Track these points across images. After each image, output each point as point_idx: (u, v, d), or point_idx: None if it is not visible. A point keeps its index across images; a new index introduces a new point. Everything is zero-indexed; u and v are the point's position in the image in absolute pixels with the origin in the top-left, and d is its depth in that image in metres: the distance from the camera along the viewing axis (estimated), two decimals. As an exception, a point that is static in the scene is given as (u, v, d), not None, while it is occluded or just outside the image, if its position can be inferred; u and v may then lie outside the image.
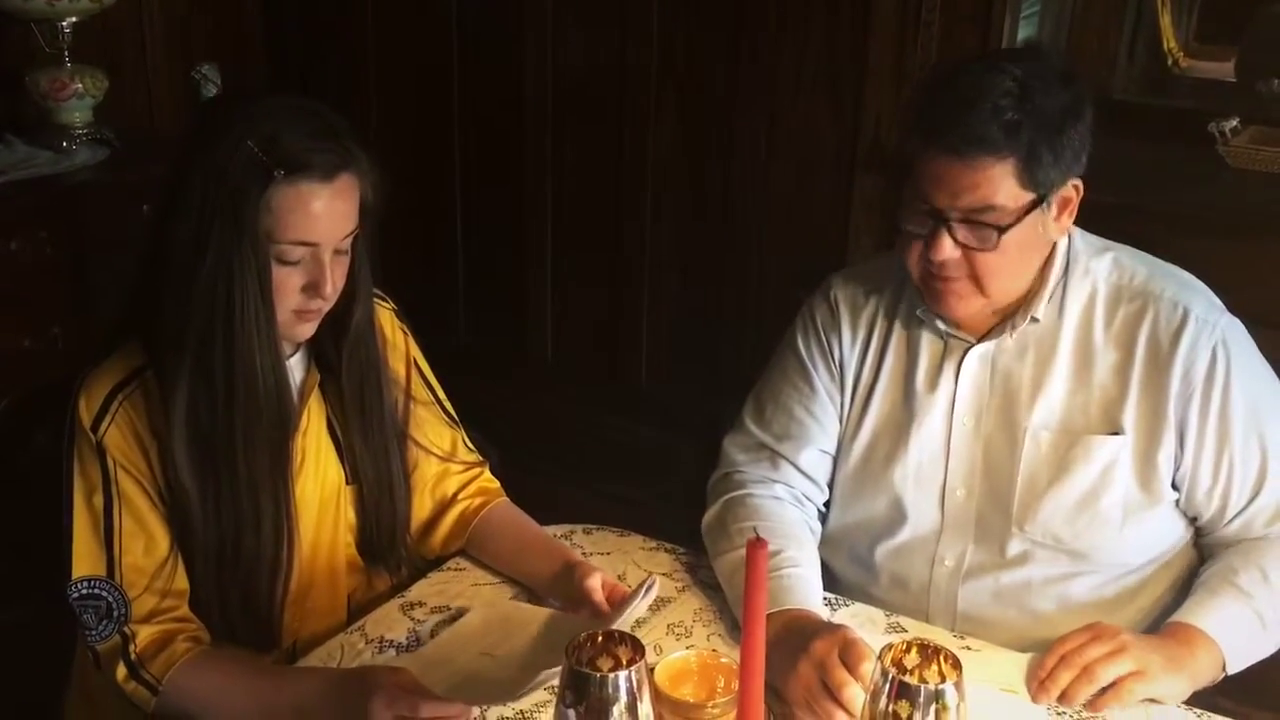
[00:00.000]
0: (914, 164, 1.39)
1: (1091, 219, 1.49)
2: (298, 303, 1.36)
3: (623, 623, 1.31)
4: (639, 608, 1.35)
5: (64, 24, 2.56)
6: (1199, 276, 1.52)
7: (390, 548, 1.56)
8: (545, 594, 1.49)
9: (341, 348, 1.45)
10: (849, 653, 1.25)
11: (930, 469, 1.52)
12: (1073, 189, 1.41)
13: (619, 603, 1.37)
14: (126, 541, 1.35)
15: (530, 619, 1.42)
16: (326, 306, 1.38)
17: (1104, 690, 1.28)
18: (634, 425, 2.78)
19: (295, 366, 1.45)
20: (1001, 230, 1.37)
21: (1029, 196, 1.37)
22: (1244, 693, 1.44)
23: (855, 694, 1.22)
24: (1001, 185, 1.36)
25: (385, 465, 1.51)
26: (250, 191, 1.29)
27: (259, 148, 1.29)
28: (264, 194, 1.29)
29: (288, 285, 1.34)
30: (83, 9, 2.54)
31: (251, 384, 1.34)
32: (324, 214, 1.32)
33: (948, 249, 1.38)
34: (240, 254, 1.30)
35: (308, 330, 1.40)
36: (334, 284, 1.36)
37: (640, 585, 1.37)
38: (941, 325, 1.51)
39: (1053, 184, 1.38)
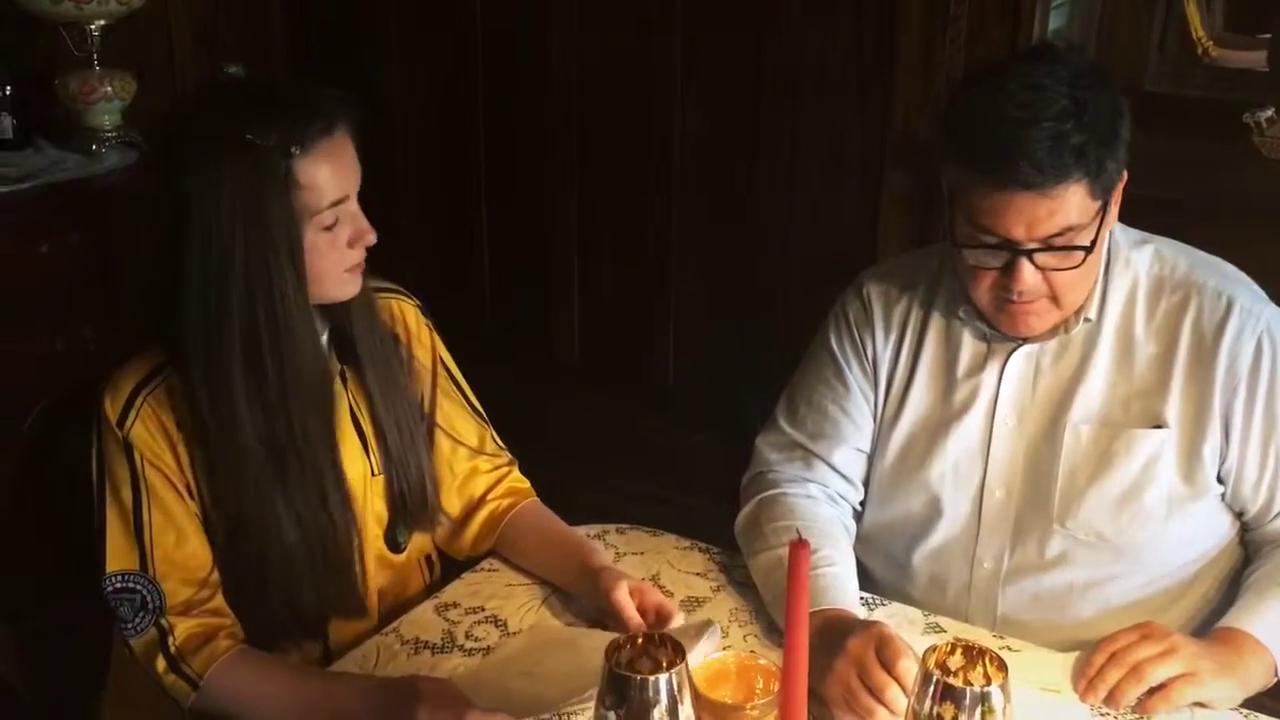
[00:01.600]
0: (969, 195, 1.35)
1: (1127, 212, 1.47)
2: (350, 259, 1.40)
3: None
4: (695, 655, 1.31)
5: (92, 27, 2.57)
6: (1237, 268, 1.50)
7: (423, 525, 1.57)
8: (577, 593, 1.48)
9: (350, 316, 1.46)
10: (885, 650, 1.23)
11: (968, 467, 1.51)
12: (1120, 181, 1.39)
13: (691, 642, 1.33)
14: (157, 535, 1.36)
15: (574, 640, 1.41)
16: (364, 255, 1.41)
17: (1152, 691, 1.26)
18: (664, 424, 2.77)
19: None
20: (1089, 249, 1.35)
21: (1098, 205, 1.35)
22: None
23: (896, 694, 1.20)
24: (1075, 205, 1.33)
25: (414, 452, 1.51)
26: (275, 178, 1.31)
27: (262, 137, 1.30)
28: (290, 175, 1.31)
29: (336, 246, 1.38)
30: (111, 12, 2.55)
31: (301, 365, 1.37)
32: (346, 164, 1.37)
33: (1029, 277, 1.35)
34: (273, 243, 1.31)
35: (359, 283, 1.43)
36: (371, 230, 1.40)
37: (701, 630, 1.35)
38: (984, 327, 1.49)
39: (1114, 185, 1.37)
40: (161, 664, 1.34)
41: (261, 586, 1.41)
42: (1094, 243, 1.35)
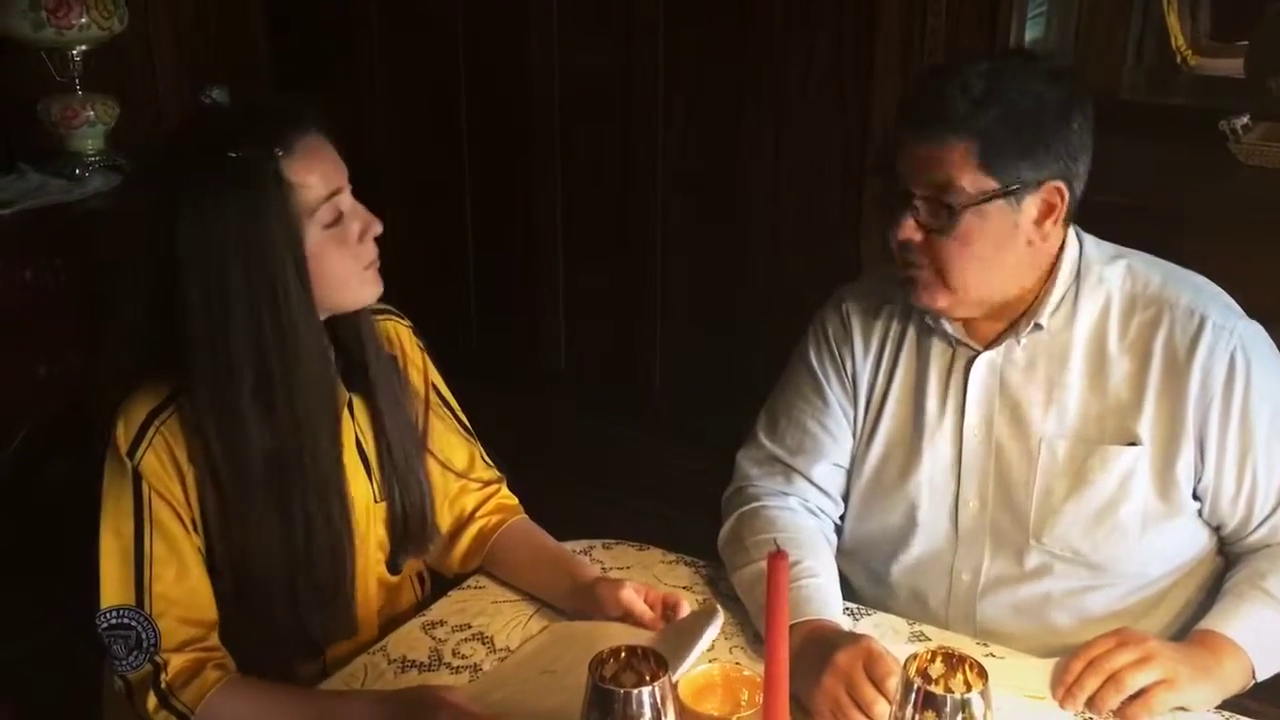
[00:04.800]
0: (896, 144, 1.41)
1: (1103, 220, 1.49)
2: (365, 255, 1.39)
3: (691, 659, 1.29)
4: (704, 642, 1.33)
5: (74, 52, 2.57)
6: (1212, 277, 1.50)
7: (421, 550, 1.57)
8: (568, 609, 1.48)
9: (361, 343, 1.46)
10: (874, 667, 1.24)
11: (943, 480, 1.51)
12: (1055, 193, 1.38)
13: (686, 639, 1.33)
14: (157, 568, 1.34)
15: (590, 633, 1.41)
16: (377, 251, 1.41)
17: (1132, 698, 1.27)
18: (648, 437, 2.78)
19: None
20: (954, 210, 1.36)
21: (991, 184, 1.36)
22: (1272, 694, 1.43)
23: (884, 710, 1.21)
24: (962, 167, 1.35)
25: (414, 477, 1.51)
26: (266, 187, 1.30)
27: (244, 150, 1.30)
28: (280, 177, 1.31)
29: (348, 241, 1.37)
30: (93, 37, 2.56)
31: (310, 378, 1.35)
32: (329, 157, 1.38)
33: (909, 229, 1.39)
34: (275, 253, 1.31)
35: (380, 284, 1.42)
36: (376, 219, 1.40)
37: (705, 617, 1.35)
38: (949, 330, 1.49)
39: (1022, 179, 1.37)
40: (153, 701, 1.33)
41: (262, 607, 1.40)
42: (962, 207, 1.36)
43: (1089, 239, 1.48)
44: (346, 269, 1.37)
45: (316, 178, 1.34)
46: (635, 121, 2.66)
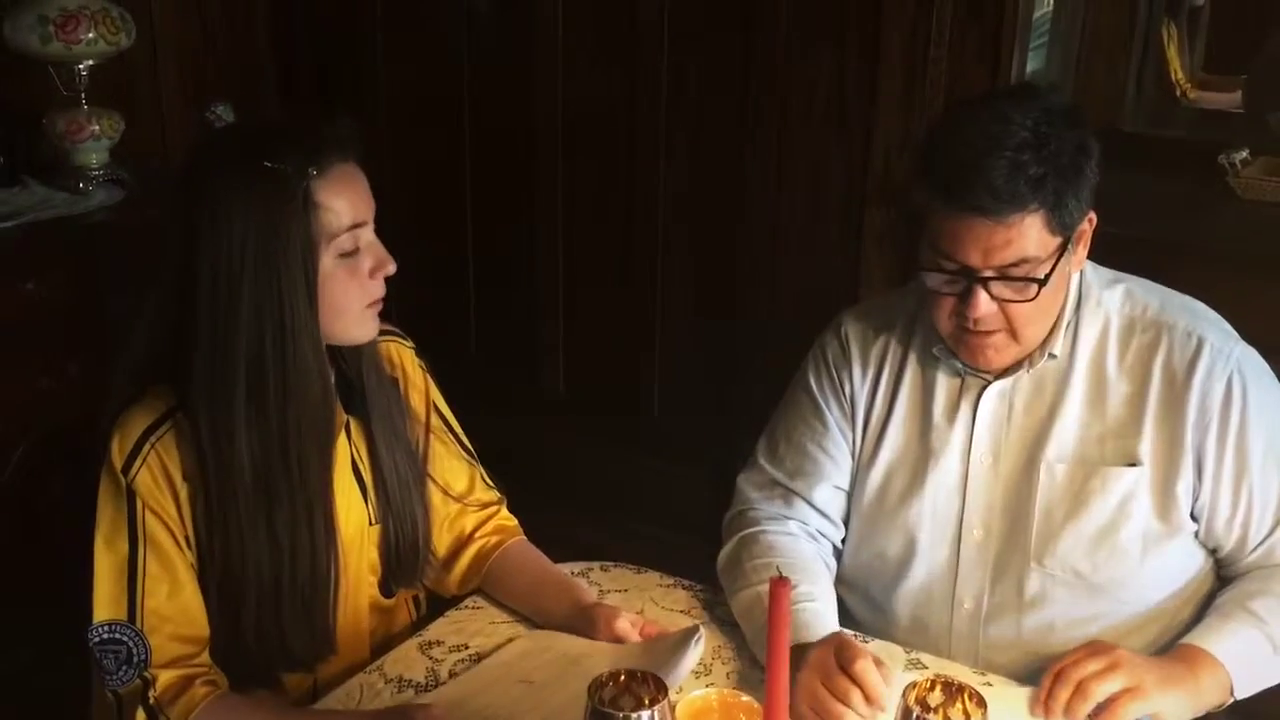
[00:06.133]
0: (931, 220, 1.38)
1: (1103, 251, 1.50)
2: (371, 292, 1.39)
3: (675, 679, 1.30)
4: (689, 660, 1.35)
5: (80, 67, 2.58)
6: (1211, 308, 1.52)
7: (411, 582, 1.57)
8: (566, 632, 1.48)
9: (360, 365, 1.46)
10: (843, 653, 1.27)
11: (946, 507, 1.52)
12: (1087, 222, 1.42)
13: (668, 656, 1.34)
14: (150, 585, 1.34)
15: (574, 648, 1.41)
16: (383, 292, 1.40)
17: (1100, 708, 1.28)
18: (648, 459, 2.78)
19: None
20: (1042, 282, 1.36)
21: (1057, 241, 1.37)
22: (1258, 717, 1.43)
23: (859, 698, 1.24)
24: (1032, 237, 1.35)
25: (409, 503, 1.51)
26: (293, 202, 1.30)
27: (277, 162, 1.30)
28: (309, 197, 1.31)
29: (358, 274, 1.37)
30: (99, 52, 2.57)
31: (306, 396, 1.35)
32: (361, 191, 1.38)
33: (984, 306, 1.37)
34: (287, 271, 1.31)
35: (377, 324, 1.42)
36: (391, 259, 1.39)
37: (687, 637, 1.36)
38: (958, 364, 1.51)
39: (1076, 224, 1.39)
40: (141, 716, 1.32)
41: (247, 622, 1.40)
42: (1048, 276, 1.37)
43: (1088, 264, 1.50)
44: (349, 301, 1.37)
45: (344, 204, 1.34)
46: (637, 152, 2.67)
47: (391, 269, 1.39)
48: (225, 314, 1.31)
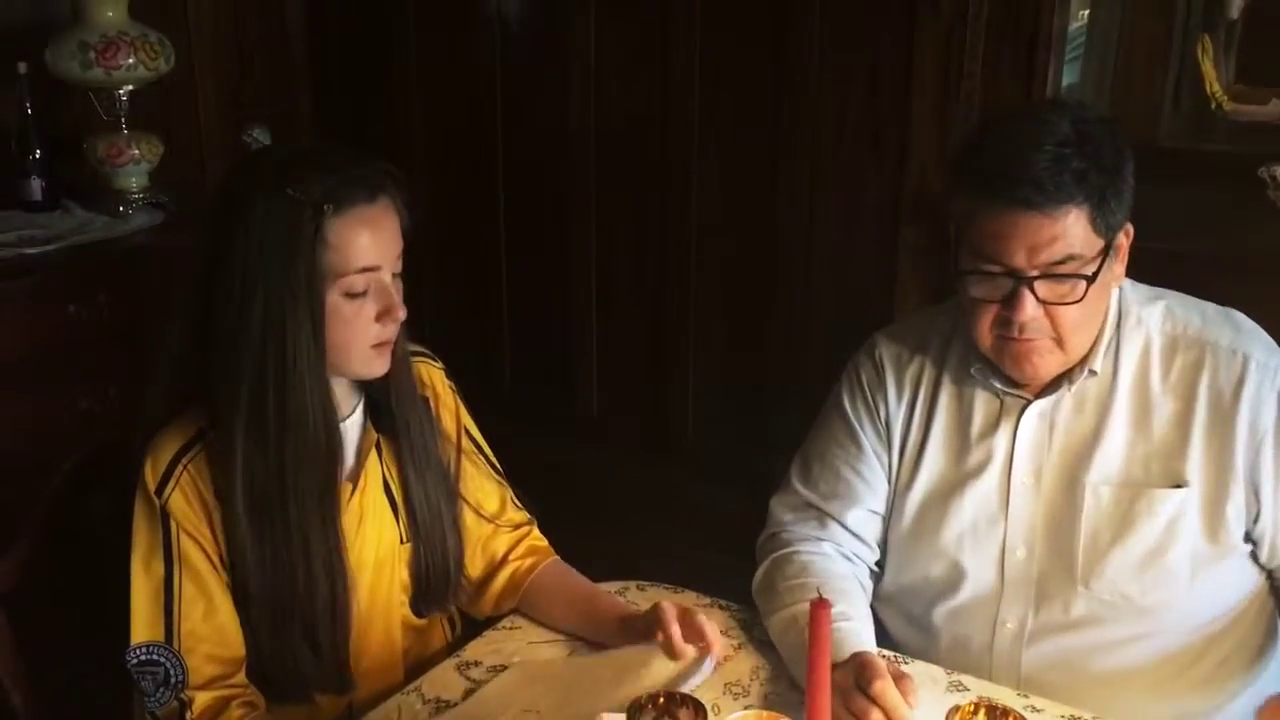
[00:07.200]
0: (973, 224, 1.37)
1: (1142, 265, 1.48)
2: (375, 335, 1.37)
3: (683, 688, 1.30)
4: (698, 678, 1.35)
5: (121, 92, 2.63)
6: (1247, 318, 1.49)
7: (442, 605, 1.57)
8: (613, 644, 1.47)
9: (389, 386, 1.45)
10: (863, 674, 1.25)
11: (987, 529, 1.50)
12: (1124, 235, 1.40)
13: (683, 668, 1.34)
14: (186, 607, 1.35)
15: (574, 670, 1.41)
16: (395, 333, 1.39)
17: None
18: (684, 481, 2.77)
19: (353, 426, 1.46)
20: (1090, 279, 1.34)
21: (1101, 243, 1.35)
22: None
23: (879, 717, 1.23)
24: (1078, 233, 1.33)
25: (440, 524, 1.51)
26: (304, 233, 1.30)
27: (299, 192, 1.30)
28: (319, 232, 1.30)
29: (361, 318, 1.36)
30: (139, 77, 2.61)
31: (303, 428, 1.35)
32: (380, 234, 1.35)
33: (1030, 308, 1.35)
34: (294, 298, 1.31)
35: (385, 363, 1.41)
36: (401, 307, 1.38)
37: (701, 658, 1.36)
38: (997, 384, 1.48)
39: (1117, 229, 1.37)
40: None
41: (262, 648, 1.40)
42: (1096, 274, 1.35)
43: (1127, 281, 1.47)
44: (352, 338, 1.36)
45: (358, 246, 1.33)
46: (671, 177, 2.68)
47: (400, 316, 1.38)
48: (235, 337, 1.32)
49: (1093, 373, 1.45)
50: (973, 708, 1.10)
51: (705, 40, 2.58)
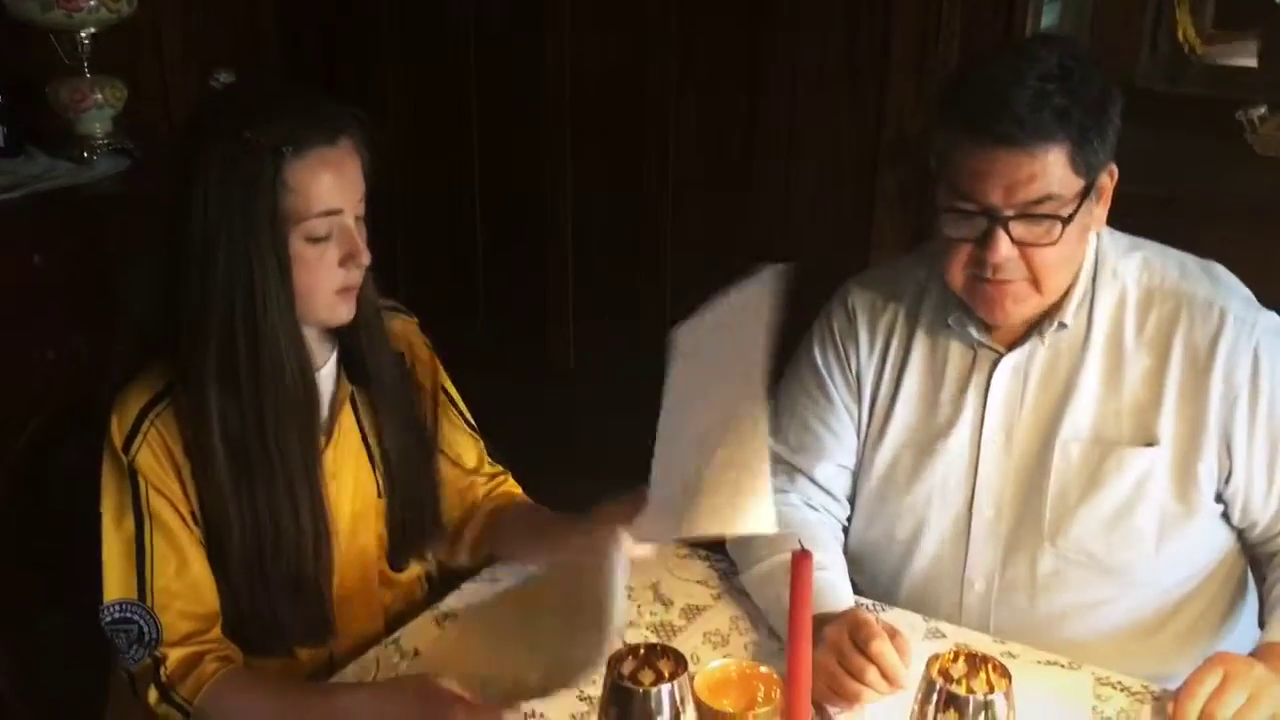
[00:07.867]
0: (952, 159, 1.33)
1: (1120, 210, 1.46)
2: (339, 279, 1.35)
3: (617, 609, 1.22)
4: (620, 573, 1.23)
5: (82, 34, 2.56)
6: (1230, 267, 1.47)
7: (419, 555, 1.56)
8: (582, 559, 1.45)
9: (359, 335, 1.43)
10: (859, 633, 1.25)
11: (956, 486, 1.48)
12: (1108, 176, 1.37)
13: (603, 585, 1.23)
14: (158, 564, 1.34)
15: (507, 617, 1.35)
16: (360, 279, 1.37)
17: None
18: (653, 432, 2.76)
19: (326, 378, 1.44)
20: (1066, 220, 1.31)
21: (1080, 183, 1.32)
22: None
23: (876, 676, 1.23)
24: (1057, 172, 1.30)
25: (416, 475, 1.50)
26: (263, 177, 1.28)
27: (258, 134, 1.28)
28: (279, 175, 1.28)
29: (324, 262, 1.34)
30: (101, 19, 2.54)
31: (278, 374, 1.33)
32: (341, 176, 1.33)
33: (1005, 249, 1.32)
34: (258, 244, 1.29)
35: (351, 309, 1.38)
36: (365, 251, 1.35)
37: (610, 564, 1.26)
38: (973, 333, 1.46)
39: (1099, 169, 1.34)
40: (154, 694, 1.33)
41: (239, 601, 1.39)
42: (1072, 216, 1.32)
43: (1104, 230, 1.44)
44: (316, 284, 1.34)
45: (317, 189, 1.30)
46: (647, 120, 2.65)
47: (363, 260, 1.35)
48: (202, 283, 1.30)
49: (1063, 325, 1.42)
50: (952, 655, 1.10)
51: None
